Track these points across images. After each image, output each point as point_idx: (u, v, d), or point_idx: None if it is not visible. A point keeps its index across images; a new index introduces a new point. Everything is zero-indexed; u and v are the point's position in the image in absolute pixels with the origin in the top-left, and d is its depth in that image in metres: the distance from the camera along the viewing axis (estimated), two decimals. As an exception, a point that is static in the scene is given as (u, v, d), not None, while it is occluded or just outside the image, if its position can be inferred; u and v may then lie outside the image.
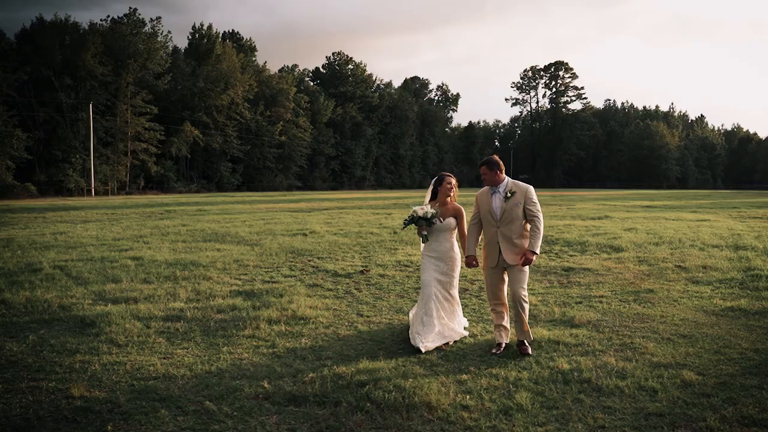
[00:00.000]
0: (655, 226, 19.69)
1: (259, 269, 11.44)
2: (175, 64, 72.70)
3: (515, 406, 4.72)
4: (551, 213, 27.17)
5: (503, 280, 6.39)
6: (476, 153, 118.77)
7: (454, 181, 6.89)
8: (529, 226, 6.26)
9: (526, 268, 6.23)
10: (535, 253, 6.12)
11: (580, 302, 8.60)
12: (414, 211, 6.68)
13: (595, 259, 12.63)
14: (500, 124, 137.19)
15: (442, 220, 6.69)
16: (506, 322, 6.39)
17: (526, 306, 6.23)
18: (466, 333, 6.91)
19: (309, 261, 12.40)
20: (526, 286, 6.25)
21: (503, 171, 6.35)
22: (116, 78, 63.59)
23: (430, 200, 6.93)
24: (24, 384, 5.24)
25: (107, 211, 29.73)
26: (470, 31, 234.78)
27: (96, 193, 60.01)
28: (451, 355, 6.10)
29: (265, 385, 5.18)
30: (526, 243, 6.20)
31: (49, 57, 59.10)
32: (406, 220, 6.76)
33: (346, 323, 7.49)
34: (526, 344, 6.15)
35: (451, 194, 6.82)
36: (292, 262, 12.31)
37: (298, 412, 4.64)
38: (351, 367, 5.66)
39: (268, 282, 10.20)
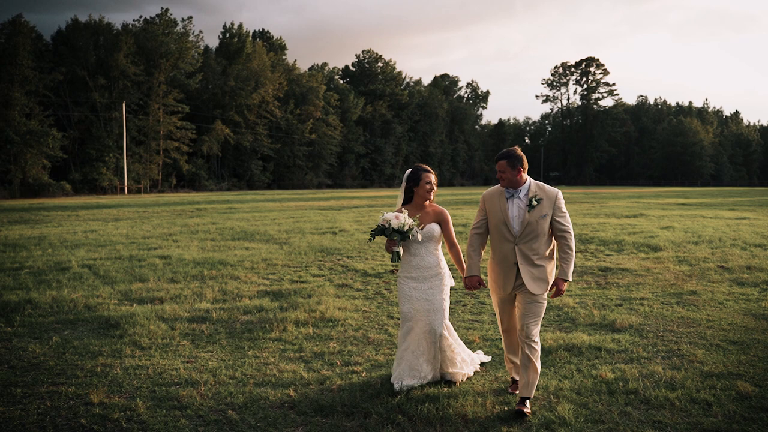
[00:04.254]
0: (692, 225, 19.07)
1: (288, 268, 11.24)
2: (206, 63, 73.18)
3: (557, 419, 4.39)
4: (584, 211, 26.59)
5: (515, 306, 5.00)
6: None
7: (434, 178, 5.31)
8: (555, 244, 4.87)
9: (545, 299, 4.82)
10: (567, 281, 4.77)
11: (620, 305, 8.20)
12: (385, 220, 5.03)
13: (633, 258, 12.17)
14: (530, 122, 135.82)
15: (419, 230, 5.14)
16: (517, 356, 5.08)
17: (537, 349, 4.74)
18: (470, 372, 5.38)
19: (338, 260, 12.16)
20: (539, 324, 4.82)
21: (526, 170, 4.82)
22: (148, 77, 64.22)
23: (404, 204, 5.37)
24: (44, 388, 5.07)
25: (139, 210, 29.90)
26: (500, 28, 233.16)
27: (129, 192, 60.69)
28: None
29: (291, 393, 4.94)
30: (550, 265, 4.83)
31: (83, 57, 59.96)
32: (373, 230, 5.11)
33: (376, 326, 7.22)
34: (527, 403, 4.60)
35: (432, 195, 5.30)
36: (321, 261, 12.09)
37: (325, 424, 4.38)
38: (381, 374, 5.39)
39: (297, 282, 9.99)
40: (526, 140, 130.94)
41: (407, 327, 5.16)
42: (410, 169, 5.38)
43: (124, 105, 60.66)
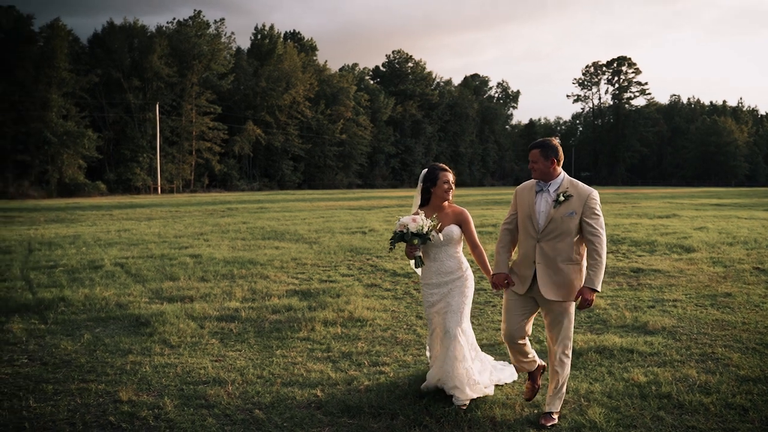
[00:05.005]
0: (727, 225, 18.65)
1: (317, 268, 11.25)
2: (238, 64, 73.90)
3: (588, 423, 4.29)
4: (616, 211, 26.21)
5: (530, 316, 4.56)
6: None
7: (451, 177, 5.04)
8: (585, 249, 4.40)
9: (572, 307, 4.43)
10: (596, 291, 4.26)
11: (653, 306, 8.03)
12: (402, 225, 4.80)
13: (666, 259, 11.93)
14: (561, 121, 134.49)
15: (439, 232, 4.86)
16: (525, 351, 4.63)
17: (567, 364, 4.44)
18: (492, 387, 4.90)
19: (367, 260, 12.14)
20: (571, 337, 4.46)
21: (561, 162, 4.50)
22: (181, 79, 65.08)
23: (421, 206, 5.12)
24: (74, 385, 5.12)
25: (171, 209, 30.28)
26: (530, 28, 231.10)
27: (162, 191, 61.55)
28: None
29: (318, 393, 4.92)
30: (576, 272, 4.35)
31: (118, 59, 61.00)
32: (392, 238, 4.88)
33: (405, 326, 7.18)
34: (554, 415, 4.36)
35: (450, 195, 5.03)
36: (350, 260, 12.08)
37: (351, 425, 4.35)
38: (409, 375, 5.34)
39: (326, 281, 9.99)
40: (558, 140, 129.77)
41: (432, 336, 4.97)
42: (426, 169, 5.11)
43: (157, 106, 61.54)
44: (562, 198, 4.34)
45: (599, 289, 4.25)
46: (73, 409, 4.60)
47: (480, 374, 4.82)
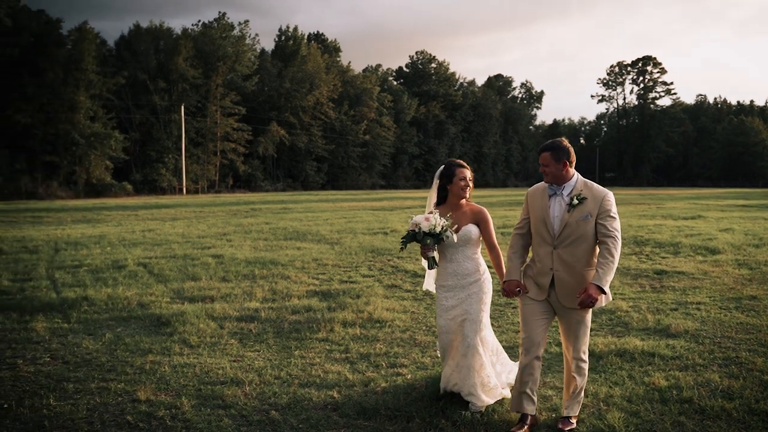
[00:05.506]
0: (753, 227, 18.32)
1: (338, 268, 11.26)
2: (262, 65, 74.32)
3: (606, 428, 4.23)
4: (640, 212, 25.88)
5: (547, 320, 4.35)
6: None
7: (469, 174, 4.81)
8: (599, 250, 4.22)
9: (589, 315, 4.30)
10: (603, 291, 4.06)
11: (676, 309, 7.90)
12: (414, 224, 4.61)
13: (690, 261, 11.75)
14: (585, 122, 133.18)
15: (454, 232, 4.64)
16: (533, 387, 4.29)
17: (585, 369, 4.34)
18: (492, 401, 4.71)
19: (388, 260, 12.12)
20: (588, 342, 4.35)
21: (573, 164, 4.30)
22: (206, 80, 65.61)
23: (437, 204, 4.90)
24: (94, 384, 5.18)
25: (195, 209, 30.55)
26: (554, 28, 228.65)
27: (187, 192, 62.09)
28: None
29: (335, 395, 4.91)
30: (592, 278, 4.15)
31: (144, 61, 61.67)
32: (404, 238, 4.68)
33: (424, 327, 7.15)
34: (572, 420, 4.30)
35: (467, 193, 4.80)
36: (371, 261, 12.07)
37: (367, 427, 4.33)
38: (426, 377, 5.31)
39: (346, 282, 10.00)
40: (582, 140, 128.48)
41: (444, 341, 4.72)
42: (443, 165, 4.90)
43: (183, 107, 62.13)
44: (576, 201, 4.17)
45: (607, 289, 4.07)
46: (92, 408, 4.65)
47: (498, 377, 4.78)
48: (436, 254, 4.74)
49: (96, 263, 11.70)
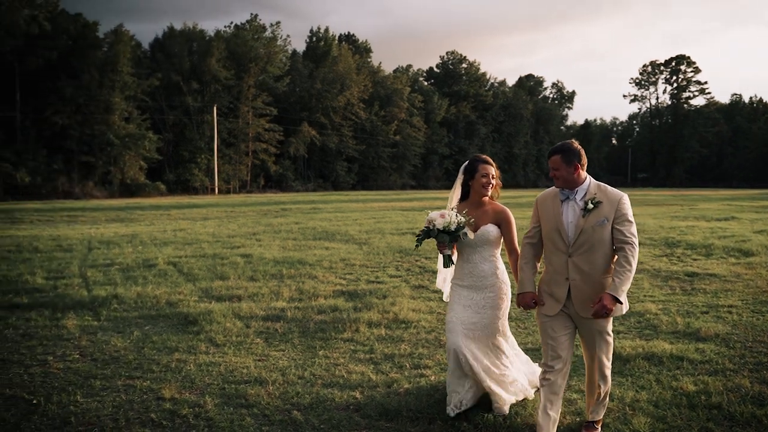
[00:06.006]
0: (791, 229, 17.85)
1: (365, 269, 11.26)
2: (293, 66, 74.82)
3: (633, 433, 4.15)
4: (672, 213, 25.40)
5: (570, 333, 4.13)
6: (593, 152, 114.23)
7: (493, 170, 4.58)
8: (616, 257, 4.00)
9: (609, 325, 4.09)
10: (618, 301, 3.86)
11: (706, 312, 7.72)
12: (430, 220, 4.44)
13: (722, 263, 11.48)
14: (617, 122, 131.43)
15: (474, 230, 4.49)
16: (557, 408, 4.09)
17: (608, 376, 4.16)
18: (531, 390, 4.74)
19: (416, 261, 12.08)
20: (611, 350, 4.15)
21: (585, 167, 4.10)
22: (238, 81, 66.27)
23: (460, 201, 4.74)
24: (121, 381, 5.25)
25: (227, 209, 30.84)
26: (586, 27, 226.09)
27: (219, 192, 62.77)
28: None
29: (357, 396, 4.90)
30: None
31: (178, 63, 62.55)
32: (419, 234, 4.51)
33: (449, 329, 7.09)
34: (596, 425, 4.22)
35: (490, 190, 4.60)
36: (398, 262, 12.05)
37: (389, 428, 4.31)
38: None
39: (373, 282, 9.98)
40: (613, 141, 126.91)
41: (452, 342, 4.51)
42: (467, 160, 4.71)
43: (215, 108, 62.83)
44: (591, 205, 3.95)
45: (623, 300, 3.88)
46: (117, 405, 4.71)
47: (520, 374, 4.70)
48: (452, 252, 4.56)
49: (127, 262, 11.87)
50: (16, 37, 48.57)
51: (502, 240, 4.62)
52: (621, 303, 3.88)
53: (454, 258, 4.64)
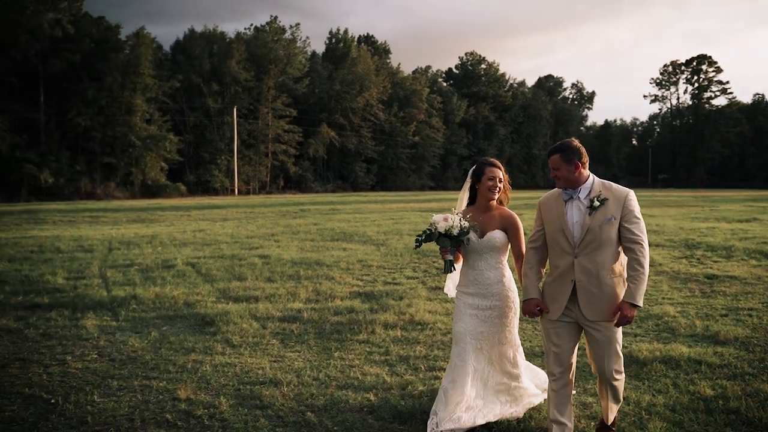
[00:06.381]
0: (815, 230, 17.56)
1: (382, 270, 11.26)
2: (312, 68, 75.10)
3: (649, 438, 4.10)
4: (692, 215, 25.10)
5: (574, 340, 4.01)
6: (612, 152, 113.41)
7: (501, 173, 4.39)
8: (625, 258, 3.89)
9: (619, 333, 3.92)
10: (637, 307, 3.76)
11: (726, 315, 7.62)
12: (433, 223, 4.28)
13: (743, 266, 11.32)
14: (638, 122, 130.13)
15: (479, 236, 4.31)
16: (569, 415, 3.99)
17: (620, 386, 3.99)
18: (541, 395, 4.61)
19: (433, 262, 12.06)
20: (621, 360, 3.94)
21: (587, 165, 3.96)
22: (258, 83, 66.64)
23: (468, 205, 4.57)
24: (137, 381, 5.29)
25: (246, 210, 31.01)
26: (606, 27, 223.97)
27: (239, 193, 63.13)
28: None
29: (371, 398, 4.90)
30: (621, 285, 3.85)
31: (199, 65, 63.06)
32: (419, 236, 4.34)
33: (465, 331, 7.07)
34: (613, 429, 4.14)
35: (496, 194, 4.41)
36: (416, 263, 12.04)
37: (402, 431, 4.30)
38: (464, 381, 5.25)
39: (390, 283, 9.98)
40: (634, 141, 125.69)
41: (460, 349, 4.31)
42: (476, 165, 4.53)
43: (235, 110, 63.23)
44: (597, 203, 3.81)
45: (641, 304, 3.75)
46: (133, 406, 4.75)
47: (527, 381, 4.58)
48: (453, 258, 4.37)
49: (147, 262, 11.98)
50: (41, 40, 49.27)
51: (509, 247, 4.44)
52: (640, 307, 3.76)
53: (458, 265, 4.48)
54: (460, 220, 4.22)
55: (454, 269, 4.40)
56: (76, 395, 4.94)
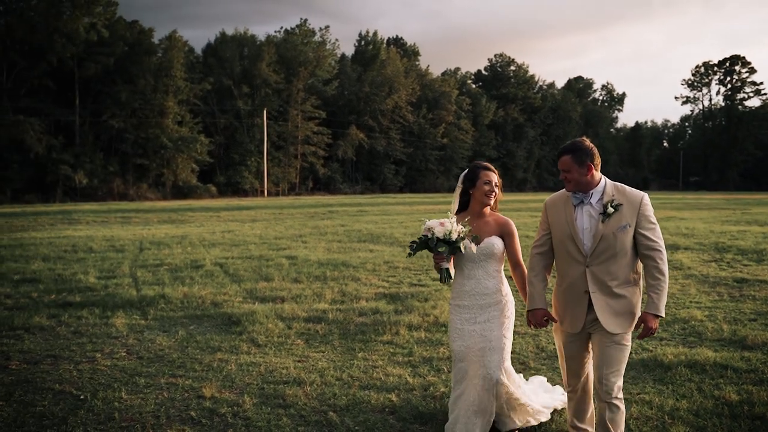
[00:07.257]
0: None
1: (408, 271, 11.27)
2: (342, 70, 75.47)
3: (672, 443, 4.06)
4: (723, 218, 24.63)
5: (590, 352, 3.83)
6: (643, 154, 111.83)
7: (496, 178, 4.14)
8: (641, 266, 3.66)
9: (629, 341, 3.67)
10: (660, 317, 3.55)
11: (755, 320, 7.47)
12: (428, 229, 4.06)
13: (776, 270, 11.11)
14: (669, 124, 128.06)
15: (476, 243, 4.06)
16: (590, 422, 3.90)
17: (621, 409, 3.66)
18: (547, 412, 4.40)
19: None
20: (622, 375, 3.66)
21: (599, 167, 3.70)
22: (288, 85, 67.18)
23: (459, 211, 4.31)
24: (164, 379, 5.39)
25: (275, 211, 31.25)
26: (637, 28, 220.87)
27: (268, 194, 63.64)
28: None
29: (393, 398, 4.92)
30: (636, 295, 3.64)
31: (229, 68, 63.81)
32: (414, 243, 4.10)
33: (489, 333, 7.05)
34: None
35: (492, 199, 4.17)
36: (442, 265, 12.00)
37: None
38: (487, 383, 5.25)
39: (415, 285, 9.99)
40: (665, 143, 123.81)
41: (460, 369, 4.10)
42: (469, 169, 4.28)
43: (265, 112, 63.79)
44: (611, 209, 3.55)
45: (663, 314, 3.53)
46: (159, 403, 4.84)
47: (529, 396, 4.34)
48: (450, 267, 4.09)
49: (176, 262, 12.16)
50: (76, 44, 50.31)
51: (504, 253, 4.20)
52: (662, 317, 3.56)
53: (452, 271, 4.17)
54: (456, 224, 3.99)
55: (452, 278, 4.14)
56: (104, 392, 5.05)
